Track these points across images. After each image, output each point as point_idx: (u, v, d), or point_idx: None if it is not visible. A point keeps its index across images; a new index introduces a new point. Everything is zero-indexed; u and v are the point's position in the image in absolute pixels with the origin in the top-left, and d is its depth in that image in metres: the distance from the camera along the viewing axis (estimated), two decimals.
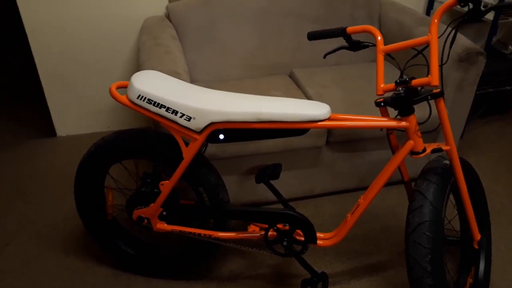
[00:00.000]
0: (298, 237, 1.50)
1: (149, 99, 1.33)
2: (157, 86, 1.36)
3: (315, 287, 1.51)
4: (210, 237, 1.53)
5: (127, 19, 2.39)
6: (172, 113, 1.33)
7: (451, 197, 2.09)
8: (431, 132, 2.01)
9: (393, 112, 1.72)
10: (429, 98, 1.29)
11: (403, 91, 1.30)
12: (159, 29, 2.13)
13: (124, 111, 2.66)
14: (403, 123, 1.33)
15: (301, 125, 1.32)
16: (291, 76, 2.33)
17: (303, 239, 1.49)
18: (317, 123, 1.32)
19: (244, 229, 1.56)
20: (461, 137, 2.61)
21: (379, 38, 1.35)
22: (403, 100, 1.30)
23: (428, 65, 1.27)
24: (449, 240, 1.62)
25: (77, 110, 2.59)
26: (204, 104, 1.32)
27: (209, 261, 1.77)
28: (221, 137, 1.37)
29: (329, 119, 1.34)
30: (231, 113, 1.31)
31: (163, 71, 1.71)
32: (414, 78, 1.31)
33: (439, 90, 1.29)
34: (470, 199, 1.48)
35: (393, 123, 1.34)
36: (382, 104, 1.38)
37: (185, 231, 1.53)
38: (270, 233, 1.50)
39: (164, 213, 1.52)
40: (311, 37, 1.49)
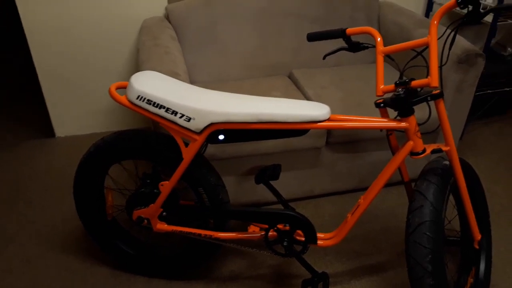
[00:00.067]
0: (298, 238, 1.50)
1: (148, 100, 1.33)
2: (157, 86, 1.36)
3: (316, 287, 1.51)
4: (210, 237, 1.53)
5: (127, 20, 2.39)
6: (171, 113, 1.33)
7: (451, 197, 2.09)
8: (430, 133, 2.02)
9: (392, 113, 1.72)
10: (429, 99, 1.29)
11: (402, 92, 1.30)
12: (159, 30, 2.13)
13: (123, 111, 2.66)
14: (403, 124, 1.33)
15: (301, 125, 1.32)
16: (291, 76, 2.34)
17: (304, 239, 1.49)
18: (317, 124, 1.32)
19: (244, 230, 1.56)
20: (461, 138, 2.62)
21: (378, 39, 1.35)
22: (402, 101, 1.30)
23: (427, 66, 1.28)
24: (450, 240, 1.62)
25: (76, 110, 2.59)
26: (203, 104, 1.32)
27: (210, 261, 1.77)
28: (221, 137, 1.37)
29: (329, 119, 1.34)
30: (230, 114, 1.31)
31: (162, 72, 1.71)
32: (413, 79, 1.31)
33: (438, 91, 1.29)
34: (470, 199, 1.48)
35: (393, 124, 1.34)
36: (382, 105, 1.38)
37: (185, 232, 1.53)
38: (270, 234, 1.50)
39: (164, 214, 1.52)
40: (311, 38, 1.49)
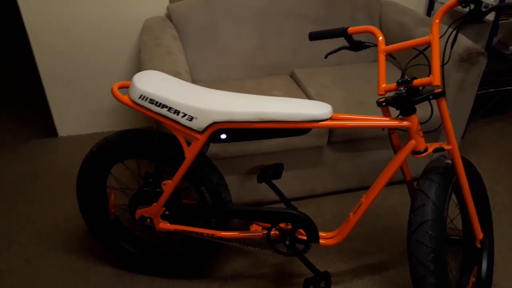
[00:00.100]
0: (300, 236, 1.50)
1: (151, 99, 1.33)
2: (159, 86, 1.36)
3: (318, 286, 1.51)
4: (212, 236, 1.53)
5: (128, 20, 2.39)
6: (174, 113, 1.33)
7: (453, 196, 2.09)
8: (432, 132, 2.02)
9: (394, 112, 1.72)
10: (431, 98, 1.29)
11: (404, 91, 1.30)
12: (160, 30, 2.13)
13: (125, 111, 2.67)
14: (405, 123, 1.33)
15: (303, 124, 1.33)
16: (292, 76, 2.34)
17: (306, 238, 1.49)
18: (319, 123, 1.33)
19: (246, 229, 1.56)
20: (462, 137, 2.62)
21: (380, 38, 1.35)
22: (404, 100, 1.30)
23: (429, 65, 1.28)
24: (452, 239, 1.62)
25: (78, 110, 2.59)
26: (206, 104, 1.32)
27: (212, 260, 1.77)
28: (223, 136, 1.38)
29: (331, 119, 1.34)
30: (233, 113, 1.31)
31: (164, 71, 1.71)
32: (415, 78, 1.31)
33: (440, 89, 1.29)
34: (472, 198, 1.48)
35: (395, 123, 1.34)
36: (383, 104, 1.39)
37: (187, 231, 1.53)
38: (272, 233, 1.51)
39: (166, 213, 1.53)
40: (313, 37, 1.49)
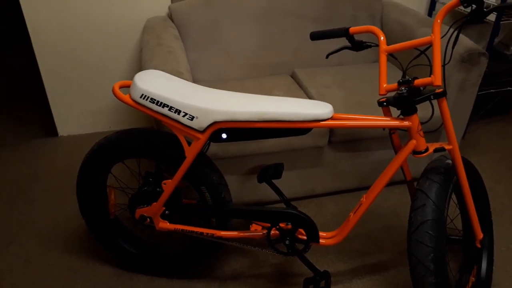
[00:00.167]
0: (300, 236, 1.50)
1: (152, 99, 1.33)
2: (160, 85, 1.36)
3: (318, 286, 1.51)
4: (212, 236, 1.53)
5: (130, 19, 2.40)
6: (175, 112, 1.33)
7: (453, 196, 2.09)
8: (433, 132, 2.02)
9: (395, 112, 1.72)
10: (432, 97, 1.29)
11: (405, 90, 1.31)
12: (162, 29, 2.13)
13: (126, 110, 2.67)
14: (406, 123, 1.33)
15: (303, 124, 1.33)
16: (293, 76, 2.34)
17: (306, 238, 1.49)
18: (319, 123, 1.33)
19: (246, 228, 1.56)
20: (463, 138, 2.62)
21: (382, 38, 1.35)
22: (405, 99, 1.30)
23: (431, 65, 1.28)
24: (452, 239, 1.62)
25: (79, 109, 2.59)
26: (207, 103, 1.32)
27: (212, 260, 1.77)
28: (224, 136, 1.38)
29: (332, 118, 1.34)
30: (233, 112, 1.31)
31: (165, 71, 1.71)
32: (416, 78, 1.31)
33: (442, 90, 1.29)
34: (472, 198, 1.48)
35: (396, 123, 1.34)
36: (384, 103, 1.39)
37: (187, 230, 1.53)
38: (272, 232, 1.51)
39: (166, 212, 1.53)
40: (314, 37, 1.49)
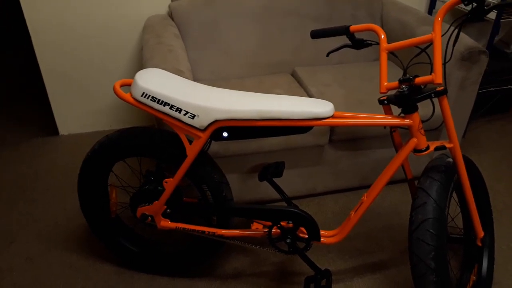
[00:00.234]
0: (301, 235, 1.50)
1: (153, 97, 1.33)
2: (161, 84, 1.36)
3: (319, 284, 1.51)
4: (213, 234, 1.53)
5: (130, 18, 2.39)
6: (176, 111, 1.33)
7: (454, 194, 2.09)
8: (434, 130, 2.02)
9: (396, 110, 1.72)
10: (433, 96, 1.29)
11: (406, 89, 1.31)
12: (162, 28, 2.13)
13: (126, 109, 2.67)
14: (407, 121, 1.33)
15: (304, 122, 1.33)
16: (293, 74, 2.34)
17: (307, 236, 1.49)
18: (320, 121, 1.33)
19: (247, 227, 1.56)
20: (463, 136, 2.61)
21: (382, 36, 1.35)
22: (406, 98, 1.30)
23: (431, 63, 1.28)
24: (452, 237, 1.62)
25: (80, 108, 2.59)
26: (208, 101, 1.32)
27: (213, 258, 1.77)
28: (225, 135, 1.38)
29: (333, 117, 1.34)
30: (235, 111, 1.31)
31: (166, 69, 1.71)
32: (417, 76, 1.31)
33: (442, 88, 1.29)
34: (473, 196, 1.48)
35: (397, 121, 1.34)
36: (385, 102, 1.39)
37: (188, 229, 1.53)
38: (273, 231, 1.51)
39: (167, 211, 1.53)
40: (315, 35, 1.49)
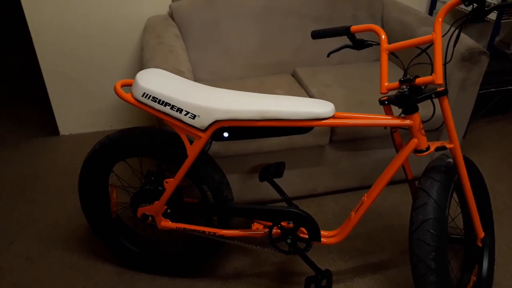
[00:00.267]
0: (302, 235, 1.51)
1: (154, 97, 1.34)
2: (162, 84, 1.37)
3: (319, 285, 1.51)
4: (214, 234, 1.53)
5: (131, 18, 2.40)
6: (177, 111, 1.33)
7: (455, 195, 2.09)
8: (434, 130, 2.01)
9: (397, 110, 1.73)
10: (433, 96, 1.30)
11: (407, 89, 1.31)
12: (163, 28, 2.13)
13: (127, 110, 2.67)
14: (407, 121, 1.33)
15: (305, 123, 1.33)
16: (294, 75, 2.34)
17: (307, 237, 1.49)
18: (321, 121, 1.33)
19: (248, 227, 1.56)
20: (464, 137, 2.61)
21: (383, 37, 1.35)
22: (407, 98, 1.30)
23: (432, 64, 1.28)
24: (453, 238, 1.62)
25: (80, 108, 2.60)
26: (208, 102, 1.32)
27: (213, 258, 1.78)
28: (226, 135, 1.38)
29: (333, 117, 1.34)
30: (235, 111, 1.31)
31: (167, 70, 1.71)
32: (418, 76, 1.31)
33: (443, 88, 1.29)
34: (473, 197, 1.48)
35: (397, 121, 1.34)
36: (386, 102, 1.39)
37: (189, 229, 1.53)
38: (274, 231, 1.51)
39: (168, 211, 1.53)
40: (315, 35, 1.50)
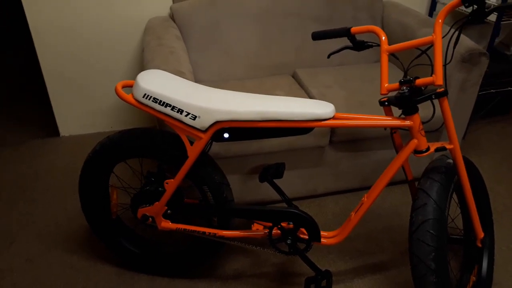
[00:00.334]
0: (302, 236, 1.51)
1: (154, 98, 1.34)
2: (163, 85, 1.37)
3: (319, 285, 1.51)
4: (214, 235, 1.53)
5: (131, 20, 2.40)
6: (177, 112, 1.34)
7: (454, 195, 2.09)
8: (434, 131, 2.02)
9: (397, 111, 1.73)
10: (433, 97, 1.30)
11: (407, 90, 1.31)
12: (163, 30, 2.14)
13: (127, 111, 2.67)
14: (407, 122, 1.34)
15: (305, 124, 1.33)
16: (294, 76, 2.34)
17: (307, 237, 1.49)
18: (321, 122, 1.33)
19: (248, 228, 1.57)
20: (464, 138, 2.62)
21: (383, 38, 1.36)
22: (407, 99, 1.31)
23: (432, 65, 1.28)
24: (453, 238, 1.62)
25: (81, 109, 2.60)
26: (209, 103, 1.33)
27: (213, 259, 1.78)
28: (226, 136, 1.38)
29: (334, 118, 1.35)
30: (236, 112, 1.31)
31: (167, 71, 1.71)
32: (418, 77, 1.32)
33: (443, 89, 1.29)
34: (473, 197, 1.48)
35: (397, 122, 1.35)
36: (386, 103, 1.39)
37: (189, 230, 1.54)
38: (274, 232, 1.51)
39: (168, 212, 1.53)
40: (316, 37, 1.50)
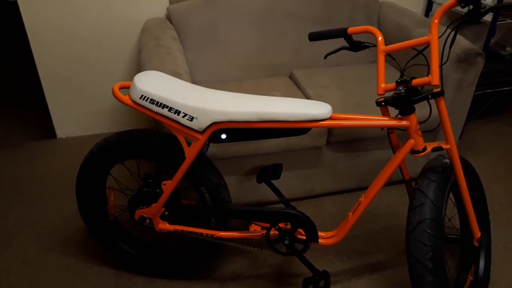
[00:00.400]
0: (299, 236, 1.51)
1: (151, 99, 1.34)
2: (160, 86, 1.37)
3: (317, 286, 1.51)
4: (212, 236, 1.53)
5: (128, 21, 2.40)
6: (174, 113, 1.34)
7: (451, 195, 2.10)
8: (431, 131, 2.03)
9: (393, 111, 1.73)
10: (430, 97, 1.31)
11: (403, 90, 1.31)
12: (160, 31, 2.14)
13: (124, 112, 2.67)
14: (404, 122, 1.34)
15: (302, 124, 1.33)
16: (291, 77, 2.35)
17: (305, 238, 1.49)
18: (318, 123, 1.33)
19: (245, 229, 1.57)
20: (460, 138, 2.63)
21: (380, 38, 1.36)
22: (403, 99, 1.31)
23: (428, 65, 1.29)
24: (450, 238, 1.63)
25: (77, 111, 2.59)
26: (206, 104, 1.33)
27: (211, 261, 1.77)
28: (223, 137, 1.38)
29: (331, 118, 1.35)
30: (233, 113, 1.31)
31: (164, 72, 1.71)
32: (414, 77, 1.32)
33: (439, 89, 1.30)
34: (470, 197, 1.49)
35: (394, 122, 1.35)
36: (383, 103, 1.40)
37: (187, 231, 1.54)
38: (271, 232, 1.51)
39: (166, 213, 1.53)
40: (312, 37, 1.50)
